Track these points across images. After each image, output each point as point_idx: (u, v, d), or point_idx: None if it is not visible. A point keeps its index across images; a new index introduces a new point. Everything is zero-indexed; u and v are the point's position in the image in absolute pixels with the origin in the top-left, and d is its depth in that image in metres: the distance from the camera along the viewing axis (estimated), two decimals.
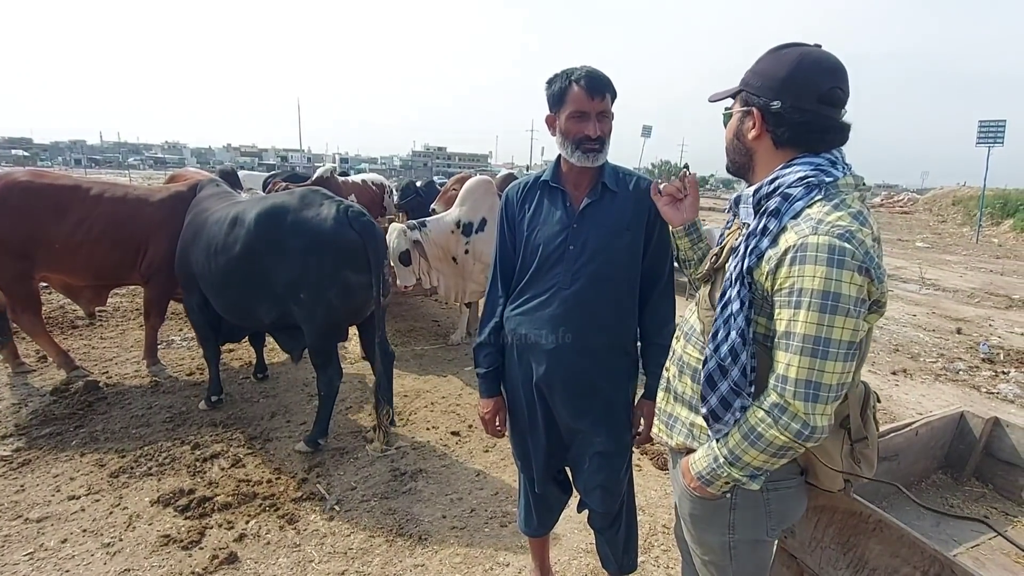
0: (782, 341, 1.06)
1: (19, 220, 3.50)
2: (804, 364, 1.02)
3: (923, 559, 1.19)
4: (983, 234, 19.03)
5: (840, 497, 1.34)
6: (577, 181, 1.69)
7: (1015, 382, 4.75)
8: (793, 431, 1.05)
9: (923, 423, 1.87)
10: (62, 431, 3.19)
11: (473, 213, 4.48)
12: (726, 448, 1.15)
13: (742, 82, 1.21)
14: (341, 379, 3.15)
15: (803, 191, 1.09)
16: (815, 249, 1.01)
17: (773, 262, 1.07)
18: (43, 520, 2.44)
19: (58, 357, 3.93)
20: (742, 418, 1.13)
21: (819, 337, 1.01)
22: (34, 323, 3.82)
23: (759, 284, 1.11)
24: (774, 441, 1.08)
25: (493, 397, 1.84)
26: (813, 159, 1.13)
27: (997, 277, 10.79)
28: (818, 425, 1.04)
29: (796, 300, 1.03)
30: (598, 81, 1.57)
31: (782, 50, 1.17)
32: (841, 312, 1.00)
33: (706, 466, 1.20)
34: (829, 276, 1.00)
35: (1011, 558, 1.59)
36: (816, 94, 1.11)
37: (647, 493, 2.86)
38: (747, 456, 1.12)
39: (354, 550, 2.37)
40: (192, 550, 2.31)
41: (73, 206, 3.60)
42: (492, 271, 1.84)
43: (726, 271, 1.20)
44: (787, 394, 1.04)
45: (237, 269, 3.00)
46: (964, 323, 6.79)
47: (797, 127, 1.14)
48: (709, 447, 1.20)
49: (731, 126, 1.24)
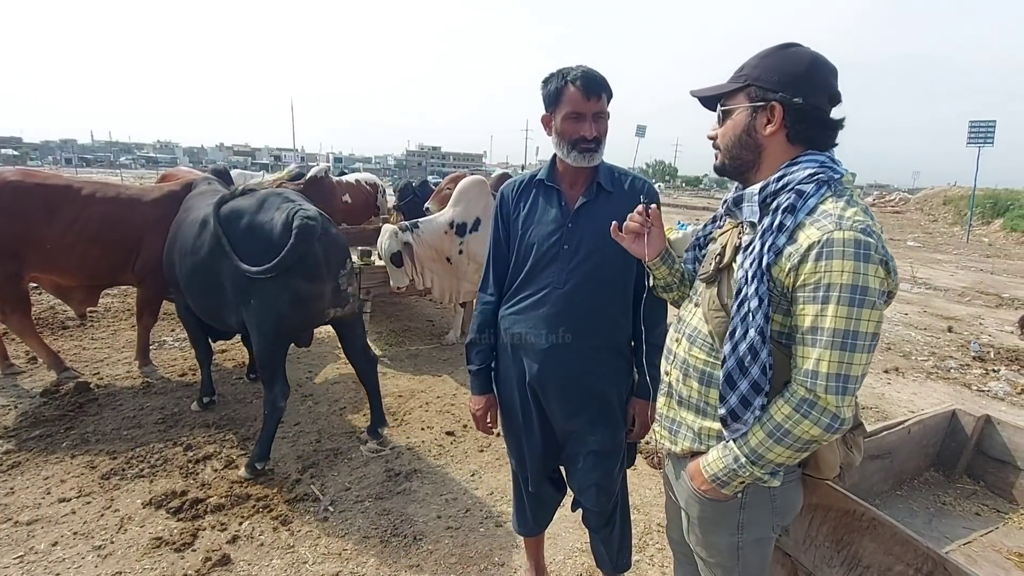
0: (808, 336, 1.06)
1: (9, 220, 3.45)
2: (834, 358, 1.03)
3: (916, 557, 1.19)
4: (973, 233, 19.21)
5: (834, 495, 1.35)
6: (572, 180, 1.69)
7: (1005, 380, 4.79)
8: (824, 424, 1.06)
9: (916, 421, 1.89)
10: (52, 433, 3.15)
11: (467, 213, 4.47)
12: (747, 447, 1.14)
13: (747, 78, 1.19)
14: (287, 398, 2.91)
15: (814, 187, 1.10)
16: (842, 244, 1.03)
17: (796, 258, 1.07)
18: (33, 523, 2.42)
19: (48, 358, 3.88)
20: (764, 416, 1.12)
21: (848, 331, 1.03)
22: (24, 324, 3.78)
23: (778, 281, 1.11)
24: (802, 436, 1.08)
25: (485, 394, 1.84)
26: (818, 156, 1.15)
27: (987, 276, 10.89)
28: (846, 417, 1.06)
29: (824, 295, 1.04)
30: (594, 82, 1.56)
31: (790, 48, 1.18)
32: (868, 305, 1.03)
33: (723, 467, 1.19)
34: (857, 271, 1.02)
35: (1002, 555, 1.60)
36: (828, 93, 1.15)
37: (641, 492, 2.86)
38: (771, 454, 1.12)
39: (348, 551, 2.36)
40: (185, 552, 2.29)
41: (64, 206, 3.56)
42: (485, 269, 1.84)
43: (733, 270, 1.19)
44: (818, 388, 1.05)
45: (201, 271, 2.93)
46: (955, 322, 6.84)
47: (816, 123, 1.15)
48: (726, 448, 1.19)
49: (737, 123, 1.21)
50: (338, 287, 2.84)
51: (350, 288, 2.95)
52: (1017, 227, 19.00)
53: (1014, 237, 18.44)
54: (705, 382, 1.25)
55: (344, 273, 2.89)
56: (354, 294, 2.99)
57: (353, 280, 3.01)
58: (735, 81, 1.21)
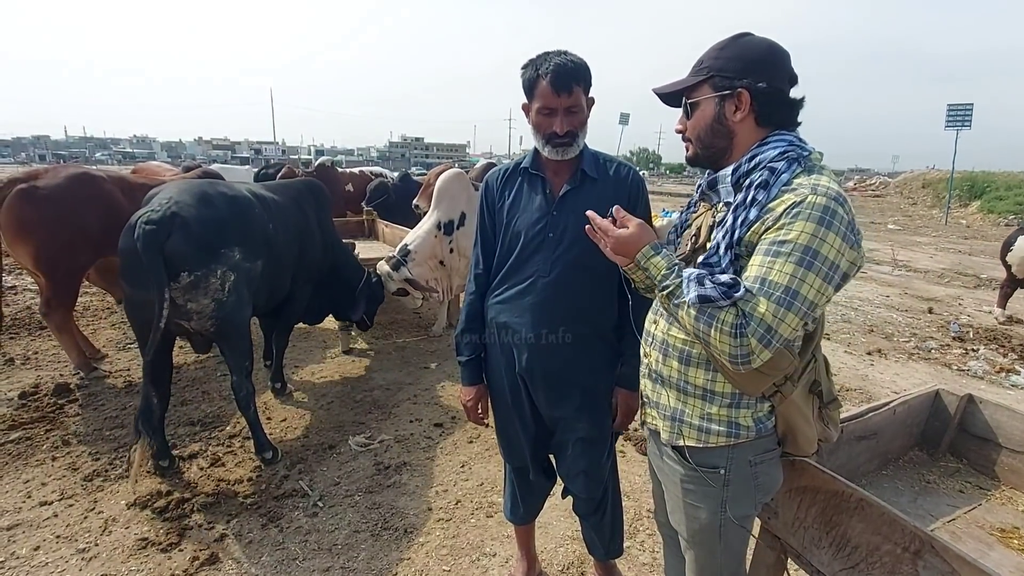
0: (755, 285, 1.07)
1: (104, 211, 3.68)
2: (769, 310, 1.05)
3: (904, 536, 1.20)
4: (952, 216, 19.54)
5: (822, 477, 1.36)
6: (557, 168, 1.67)
7: (984, 359, 4.89)
8: (731, 352, 1.07)
9: (900, 402, 1.91)
10: (32, 436, 3.08)
11: (451, 210, 4.43)
12: (684, 289, 1.13)
13: (709, 69, 1.22)
14: (154, 401, 2.64)
15: (785, 164, 1.14)
16: (810, 207, 1.06)
17: (770, 221, 1.09)
18: (14, 528, 2.36)
19: (78, 358, 3.88)
20: (713, 305, 1.09)
21: (789, 288, 1.04)
22: (65, 320, 3.80)
23: (749, 245, 1.13)
24: (713, 335, 1.08)
25: (475, 385, 1.83)
26: (786, 135, 1.20)
27: (965, 257, 11.09)
28: (754, 360, 1.07)
29: (776, 251, 1.06)
30: (565, 77, 1.52)
31: (745, 37, 1.23)
32: (815, 270, 1.05)
33: (656, 267, 1.20)
34: (816, 234, 1.05)
35: (986, 531, 1.63)
36: (787, 75, 1.20)
37: (631, 479, 2.87)
38: (685, 311, 1.13)
39: (339, 546, 2.34)
40: (172, 552, 2.26)
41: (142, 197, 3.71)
42: (472, 258, 1.82)
43: (707, 250, 1.20)
44: (748, 329, 1.05)
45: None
46: (935, 303, 6.96)
47: (781, 105, 1.21)
48: (679, 272, 1.18)
49: (706, 113, 1.24)
50: (172, 300, 2.45)
51: (191, 304, 2.53)
52: (994, 209, 19.37)
53: (991, 219, 18.80)
54: (685, 361, 1.26)
55: (178, 286, 2.47)
56: (202, 311, 2.56)
57: (201, 296, 2.54)
58: (697, 74, 1.24)
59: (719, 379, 1.23)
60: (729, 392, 1.23)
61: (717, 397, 1.24)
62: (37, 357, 4.17)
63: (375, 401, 3.70)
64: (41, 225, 3.49)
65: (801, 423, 1.27)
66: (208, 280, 2.55)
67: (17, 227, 3.49)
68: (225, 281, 2.60)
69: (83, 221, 3.63)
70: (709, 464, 1.28)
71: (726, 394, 1.24)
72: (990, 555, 1.53)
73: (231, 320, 2.68)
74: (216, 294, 2.58)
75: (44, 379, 3.77)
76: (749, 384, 1.20)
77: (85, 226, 3.64)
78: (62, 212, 3.53)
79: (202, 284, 2.54)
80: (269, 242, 2.95)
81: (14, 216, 3.46)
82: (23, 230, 3.49)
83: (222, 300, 2.60)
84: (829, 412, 1.33)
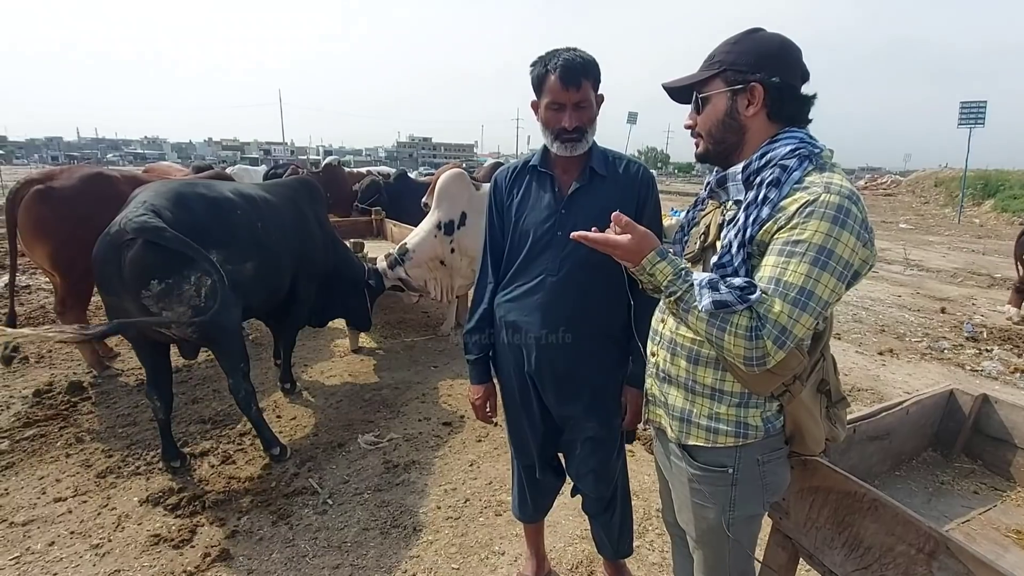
0: (771, 287, 1.06)
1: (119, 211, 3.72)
2: (784, 310, 1.04)
3: (918, 536, 1.19)
4: (965, 215, 19.31)
5: (835, 477, 1.35)
6: (565, 166, 1.66)
7: (998, 359, 4.83)
8: (745, 354, 1.06)
9: (913, 402, 1.88)
10: (46, 432, 3.12)
11: (452, 210, 4.43)
12: (697, 296, 1.10)
13: (721, 64, 1.21)
14: (158, 404, 2.75)
15: (797, 162, 1.12)
16: (824, 206, 1.05)
17: (783, 220, 1.08)
18: (29, 523, 2.40)
19: (91, 358, 3.93)
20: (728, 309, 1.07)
21: (804, 288, 1.04)
22: (80, 319, 3.81)
23: (761, 245, 1.12)
24: (727, 333, 1.06)
25: (484, 383, 1.83)
26: (797, 133, 1.18)
27: (979, 257, 10.96)
28: (769, 362, 1.06)
29: (791, 250, 1.05)
30: (574, 71, 1.51)
31: (757, 32, 1.22)
32: (829, 270, 1.04)
33: (663, 273, 1.16)
34: (830, 233, 1.04)
35: (1001, 532, 1.60)
36: (800, 70, 1.20)
37: (640, 478, 2.87)
38: (692, 310, 1.11)
39: (348, 543, 2.35)
40: (183, 548, 2.28)
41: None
42: (482, 257, 1.82)
43: (717, 249, 1.19)
44: (763, 331, 1.04)
45: None
46: (948, 303, 6.88)
47: (793, 100, 1.19)
48: (686, 277, 1.15)
49: (718, 107, 1.22)
50: (146, 308, 2.43)
51: (166, 312, 2.46)
52: (1008, 208, 19.11)
53: (1004, 218, 18.55)
54: (693, 360, 1.25)
55: (149, 295, 2.41)
56: (179, 319, 2.49)
57: (176, 304, 2.47)
58: (709, 68, 1.23)
59: (728, 378, 1.22)
60: (738, 391, 1.22)
61: (726, 396, 1.23)
62: (51, 355, 4.22)
63: (384, 400, 3.71)
64: (58, 225, 3.51)
65: (809, 422, 1.26)
66: (181, 287, 2.46)
67: (34, 227, 3.51)
68: (201, 287, 2.49)
69: (99, 221, 3.66)
70: (717, 463, 1.27)
71: (735, 393, 1.23)
72: (1006, 557, 1.51)
73: (214, 325, 2.57)
74: (191, 300, 2.48)
75: (58, 377, 3.82)
76: (759, 384, 1.19)
77: (101, 226, 3.66)
78: (78, 212, 3.55)
79: (175, 291, 2.45)
80: (259, 242, 2.92)
81: (31, 216, 3.49)
82: (40, 230, 3.52)
83: (199, 306, 2.49)
84: (837, 411, 1.33)
